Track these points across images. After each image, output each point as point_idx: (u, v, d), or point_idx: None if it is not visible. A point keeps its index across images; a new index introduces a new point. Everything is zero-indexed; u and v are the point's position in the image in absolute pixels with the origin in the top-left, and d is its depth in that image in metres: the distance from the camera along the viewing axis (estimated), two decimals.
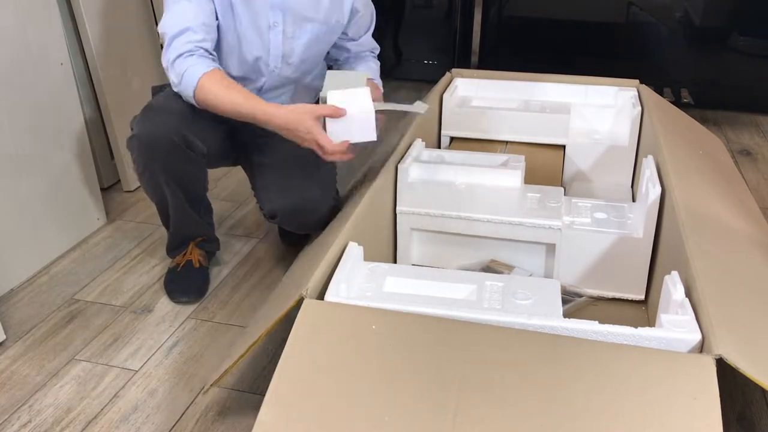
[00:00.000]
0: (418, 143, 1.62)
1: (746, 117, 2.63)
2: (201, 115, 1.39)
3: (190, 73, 1.31)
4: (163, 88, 1.51)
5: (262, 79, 1.49)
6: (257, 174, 1.53)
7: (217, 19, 1.39)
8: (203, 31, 1.35)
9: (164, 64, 1.35)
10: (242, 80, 1.46)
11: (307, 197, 1.45)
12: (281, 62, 1.47)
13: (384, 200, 1.47)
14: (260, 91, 1.51)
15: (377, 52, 1.66)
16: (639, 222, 1.41)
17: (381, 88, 1.58)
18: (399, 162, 1.52)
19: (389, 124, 2.58)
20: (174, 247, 1.62)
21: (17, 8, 1.56)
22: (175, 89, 1.36)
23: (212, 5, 1.37)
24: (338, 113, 1.28)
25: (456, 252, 1.53)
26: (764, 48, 2.53)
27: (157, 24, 2.14)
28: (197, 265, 1.60)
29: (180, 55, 1.32)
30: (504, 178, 1.48)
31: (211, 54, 1.37)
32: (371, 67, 1.62)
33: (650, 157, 1.50)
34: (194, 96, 1.32)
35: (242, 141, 1.56)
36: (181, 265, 1.59)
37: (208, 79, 1.31)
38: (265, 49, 1.44)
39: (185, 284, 1.57)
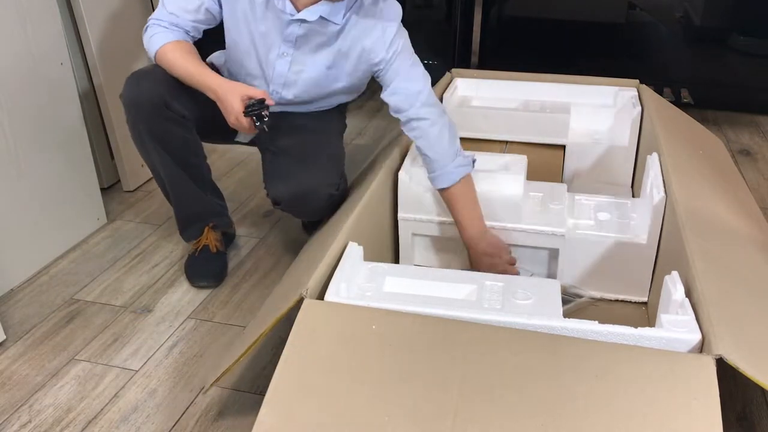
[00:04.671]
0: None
1: (746, 117, 2.63)
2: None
3: (159, 37, 1.41)
4: None
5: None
6: (265, 160, 1.55)
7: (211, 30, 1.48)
8: (191, 26, 1.44)
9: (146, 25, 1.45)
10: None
11: (308, 185, 1.45)
12: (282, 88, 1.49)
13: (383, 201, 1.47)
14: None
15: (447, 118, 1.44)
16: (643, 226, 1.41)
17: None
18: (398, 168, 1.51)
19: (391, 124, 2.59)
20: (183, 228, 1.64)
21: (17, 8, 1.56)
22: (145, 46, 1.45)
23: (214, 17, 1.46)
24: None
25: (458, 258, 1.53)
26: (764, 48, 2.53)
27: None
28: (214, 250, 1.63)
29: (160, 23, 1.42)
30: (505, 182, 1.46)
31: (188, 36, 1.45)
32: (462, 174, 1.41)
33: (655, 155, 1.49)
34: (155, 56, 1.42)
35: None
36: (199, 249, 1.63)
37: (173, 45, 1.40)
38: (268, 73, 1.47)
39: (203, 269, 1.61)
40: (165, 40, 1.40)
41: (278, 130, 1.50)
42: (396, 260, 1.59)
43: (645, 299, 1.46)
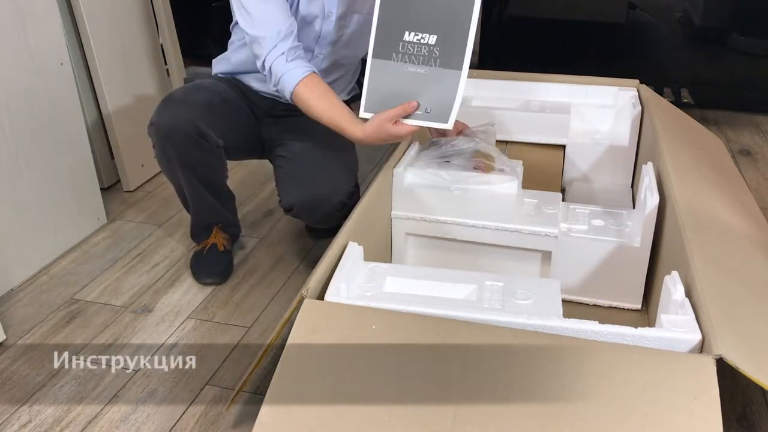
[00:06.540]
0: (415, 147, 1.61)
1: (746, 117, 2.63)
2: (222, 109, 1.44)
3: (287, 78, 1.36)
4: (192, 80, 1.57)
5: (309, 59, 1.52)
6: (277, 168, 1.56)
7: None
8: (293, 31, 1.39)
9: (259, 64, 1.39)
10: None
11: (321, 192, 1.46)
12: (328, 48, 1.52)
13: (383, 201, 1.47)
14: None
15: None
16: (636, 231, 1.40)
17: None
18: (395, 166, 1.51)
19: None
20: (196, 233, 1.67)
21: (17, 8, 1.56)
22: (273, 89, 1.41)
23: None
24: (410, 108, 1.29)
25: (451, 257, 1.52)
26: (764, 48, 2.53)
27: (157, 23, 2.15)
28: (222, 248, 1.65)
29: (277, 58, 1.36)
30: (500, 184, 1.46)
31: (301, 52, 1.41)
32: None
33: (650, 164, 1.49)
34: (291, 99, 1.39)
35: (268, 136, 1.60)
36: (207, 248, 1.64)
37: (303, 86, 1.36)
38: (315, 35, 1.49)
39: (210, 266, 1.62)
40: (295, 78, 1.36)
41: (290, 134, 1.51)
42: (391, 262, 1.58)
43: (638, 307, 1.45)
